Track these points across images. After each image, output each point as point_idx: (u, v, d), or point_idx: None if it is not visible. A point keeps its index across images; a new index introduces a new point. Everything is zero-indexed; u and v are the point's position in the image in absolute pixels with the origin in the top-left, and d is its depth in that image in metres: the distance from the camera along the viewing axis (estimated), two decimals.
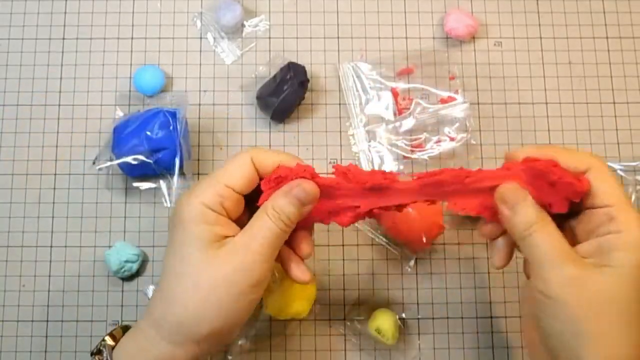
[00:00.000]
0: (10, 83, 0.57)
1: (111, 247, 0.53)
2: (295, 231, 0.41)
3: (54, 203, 0.55)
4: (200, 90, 0.58)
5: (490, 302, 0.54)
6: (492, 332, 0.53)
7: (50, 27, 0.59)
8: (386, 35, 0.59)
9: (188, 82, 0.58)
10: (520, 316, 0.53)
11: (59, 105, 0.57)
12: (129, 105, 0.57)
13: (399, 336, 0.52)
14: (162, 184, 0.54)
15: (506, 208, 0.39)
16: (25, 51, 0.58)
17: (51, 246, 0.54)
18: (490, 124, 0.57)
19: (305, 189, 0.39)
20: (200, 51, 0.58)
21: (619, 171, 0.56)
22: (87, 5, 0.59)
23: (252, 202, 0.42)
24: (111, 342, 0.42)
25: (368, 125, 0.56)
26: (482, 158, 0.56)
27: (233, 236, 0.39)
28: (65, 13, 0.59)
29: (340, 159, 0.56)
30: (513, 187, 0.39)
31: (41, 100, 0.57)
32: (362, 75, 0.57)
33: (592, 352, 0.35)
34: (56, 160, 0.56)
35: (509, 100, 0.58)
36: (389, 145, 0.56)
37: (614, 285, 0.35)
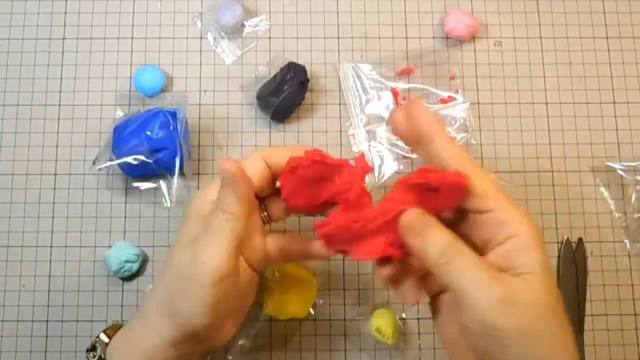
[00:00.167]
0: (10, 83, 0.57)
1: (111, 247, 0.53)
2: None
3: (54, 203, 0.55)
4: (200, 90, 0.58)
5: None
6: None
7: (51, 27, 0.59)
8: (386, 35, 0.59)
9: (188, 82, 0.58)
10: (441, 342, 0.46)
11: (59, 105, 0.57)
12: (129, 105, 0.57)
13: (399, 336, 0.52)
14: (162, 184, 0.54)
15: (414, 238, 0.35)
16: (26, 51, 0.58)
17: (51, 246, 0.54)
18: (490, 124, 0.57)
19: (224, 168, 0.38)
20: (201, 51, 0.58)
21: (619, 171, 0.56)
22: (87, 5, 0.59)
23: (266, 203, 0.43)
24: (106, 339, 0.42)
25: (368, 125, 0.56)
26: (482, 158, 0.56)
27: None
28: (66, 13, 0.59)
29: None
30: (416, 214, 0.36)
31: (41, 100, 0.57)
32: (362, 75, 0.57)
33: None
34: (56, 160, 0.56)
35: (509, 100, 0.58)
36: (389, 145, 0.56)
37: (540, 294, 0.34)
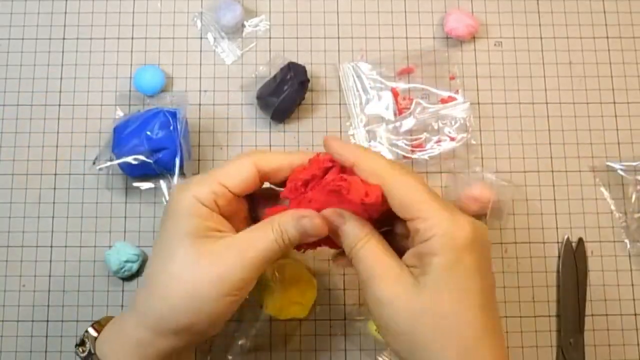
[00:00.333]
0: (10, 83, 0.57)
1: (111, 247, 0.53)
2: None
3: (54, 203, 0.55)
4: (200, 90, 0.58)
5: None
6: None
7: (51, 27, 0.59)
8: (386, 35, 0.59)
9: (188, 82, 0.58)
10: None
11: (59, 105, 0.57)
12: (129, 105, 0.57)
13: None
14: (162, 184, 0.55)
15: (333, 235, 0.39)
16: (26, 51, 0.58)
17: (51, 246, 0.54)
18: (490, 124, 0.57)
19: (315, 225, 0.39)
20: (201, 51, 0.58)
21: (619, 171, 0.56)
22: (87, 5, 0.59)
23: (254, 207, 0.43)
24: (94, 334, 0.42)
25: (368, 125, 0.56)
26: (482, 158, 0.56)
27: (226, 232, 0.40)
28: (66, 13, 0.59)
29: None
30: (330, 214, 0.39)
31: (41, 100, 0.57)
32: (362, 75, 0.57)
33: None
34: (56, 160, 0.56)
35: (509, 100, 0.58)
36: (389, 145, 0.56)
37: (432, 293, 0.35)
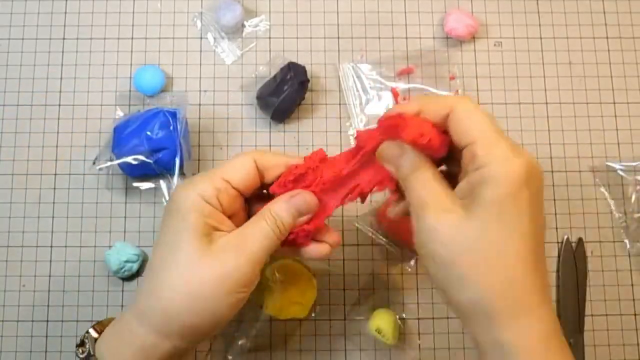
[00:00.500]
0: (10, 83, 0.57)
1: (111, 247, 0.53)
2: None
3: (54, 203, 0.55)
4: (200, 90, 0.58)
5: None
6: None
7: (51, 27, 0.59)
8: (386, 35, 0.59)
9: (188, 82, 0.58)
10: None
11: (59, 105, 0.57)
12: (129, 105, 0.57)
13: (399, 336, 0.52)
14: (162, 184, 0.55)
15: (389, 165, 0.39)
16: (26, 51, 0.58)
17: (51, 246, 0.54)
18: None
19: (305, 200, 0.40)
20: (201, 51, 0.58)
21: (619, 171, 0.56)
22: (87, 5, 0.59)
23: (252, 211, 0.43)
24: (95, 334, 0.42)
25: (368, 125, 0.56)
26: None
27: (226, 231, 0.40)
28: (66, 13, 0.59)
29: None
30: (388, 144, 0.39)
31: (41, 100, 0.57)
32: (362, 75, 0.57)
33: (460, 290, 0.35)
34: (56, 160, 0.56)
35: (509, 100, 0.58)
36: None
37: (471, 227, 0.34)
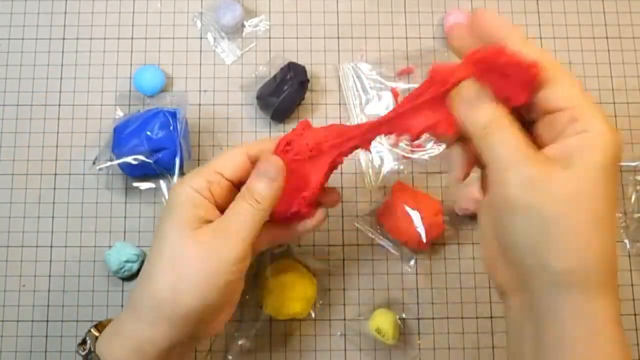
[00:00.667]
0: (10, 83, 0.57)
1: (111, 247, 0.53)
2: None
3: (54, 203, 0.55)
4: (200, 90, 0.58)
5: (491, 302, 0.54)
6: (492, 332, 0.53)
7: (51, 27, 0.59)
8: (386, 35, 0.59)
9: (188, 82, 0.58)
10: (480, 238, 0.43)
11: (59, 105, 0.57)
12: (129, 105, 0.57)
13: (399, 336, 0.52)
14: (162, 184, 0.54)
15: (462, 106, 0.35)
16: (25, 51, 0.58)
17: (51, 246, 0.54)
18: None
19: (270, 162, 0.41)
20: (200, 51, 0.58)
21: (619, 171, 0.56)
22: (87, 5, 0.59)
23: None
24: (96, 333, 0.42)
25: None
26: None
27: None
28: (66, 13, 0.59)
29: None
30: (468, 83, 0.35)
31: (41, 100, 0.57)
32: (362, 75, 0.57)
33: (560, 253, 0.33)
34: (56, 160, 0.56)
35: None
36: (389, 145, 0.56)
37: (581, 184, 0.33)
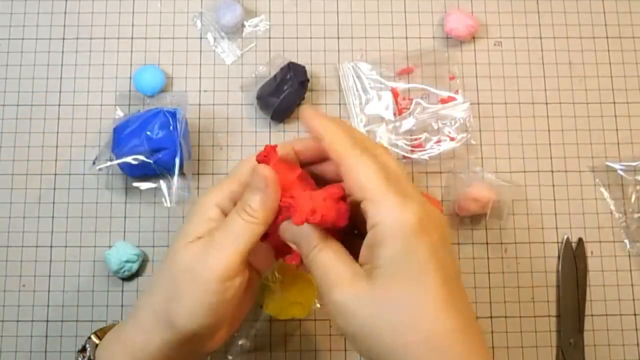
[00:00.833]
0: (10, 83, 0.57)
1: (111, 247, 0.53)
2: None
3: (54, 203, 0.55)
4: (200, 90, 0.58)
5: (490, 302, 0.54)
6: (492, 332, 0.53)
7: (50, 27, 0.59)
8: (386, 35, 0.59)
9: (188, 82, 0.58)
10: None
11: (59, 105, 0.57)
12: (129, 105, 0.57)
13: None
14: (162, 184, 0.54)
15: (292, 245, 0.38)
16: (25, 51, 0.58)
17: (51, 246, 0.54)
18: (490, 124, 0.57)
19: (258, 172, 0.38)
20: (200, 51, 0.58)
21: (619, 171, 0.56)
22: (87, 5, 0.59)
23: None
24: (96, 340, 0.42)
25: (368, 125, 0.56)
26: (482, 158, 0.56)
27: None
28: (65, 13, 0.59)
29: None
30: (286, 226, 0.38)
31: (41, 100, 0.57)
32: (362, 75, 0.57)
33: None
34: (56, 160, 0.56)
35: (509, 100, 0.58)
36: (389, 145, 0.56)
37: (383, 290, 0.32)
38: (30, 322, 0.53)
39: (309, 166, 0.42)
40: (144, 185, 0.55)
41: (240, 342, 0.52)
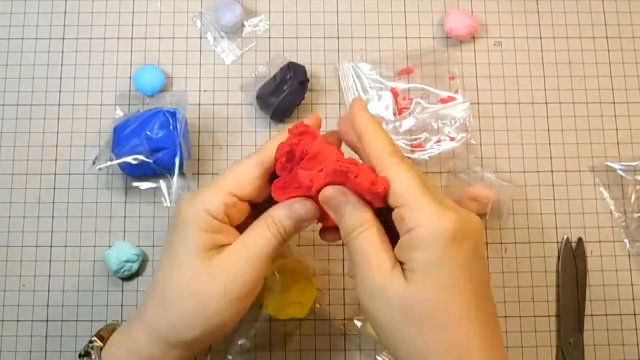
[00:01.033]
0: (10, 83, 0.57)
1: (111, 247, 0.53)
2: None
3: (54, 203, 0.55)
4: (200, 90, 0.58)
5: None
6: None
7: (50, 27, 0.59)
8: (386, 35, 0.59)
9: (188, 82, 0.58)
10: None
11: (59, 105, 0.57)
12: (129, 105, 0.57)
13: None
14: (162, 184, 0.54)
15: (332, 213, 0.38)
16: (25, 51, 0.58)
17: (51, 246, 0.54)
18: (490, 124, 0.57)
19: (306, 207, 0.39)
20: (200, 51, 0.58)
21: (619, 171, 0.56)
22: (87, 5, 0.59)
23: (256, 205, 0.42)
24: (100, 344, 0.41)
25: None
26: (482, 158, 0.56)
27: (233, 242, 0.40)
28: (65, 13, 0.59)
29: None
30: (334, 192, 0.37)
31: (41, 100, 0.57)
32: (362, 75, 0.57)
33: (410, 357, 0.34)
34: (56, 160, 0.56)
35: (509, 100, 0.58)
36: None
37: (419, 290, 0.34)
38: (30, 322, 0.53)
39: None
40: (144, 185, 0.55)
41: (240, 342, 0.52)
